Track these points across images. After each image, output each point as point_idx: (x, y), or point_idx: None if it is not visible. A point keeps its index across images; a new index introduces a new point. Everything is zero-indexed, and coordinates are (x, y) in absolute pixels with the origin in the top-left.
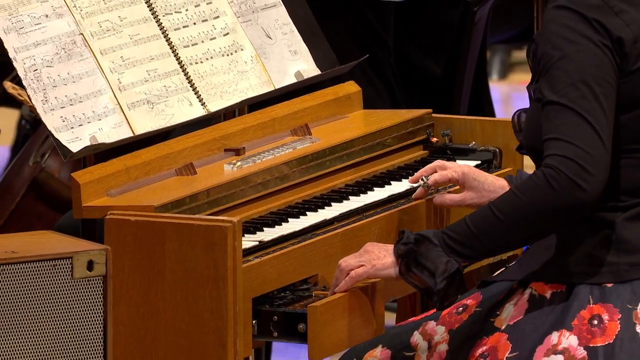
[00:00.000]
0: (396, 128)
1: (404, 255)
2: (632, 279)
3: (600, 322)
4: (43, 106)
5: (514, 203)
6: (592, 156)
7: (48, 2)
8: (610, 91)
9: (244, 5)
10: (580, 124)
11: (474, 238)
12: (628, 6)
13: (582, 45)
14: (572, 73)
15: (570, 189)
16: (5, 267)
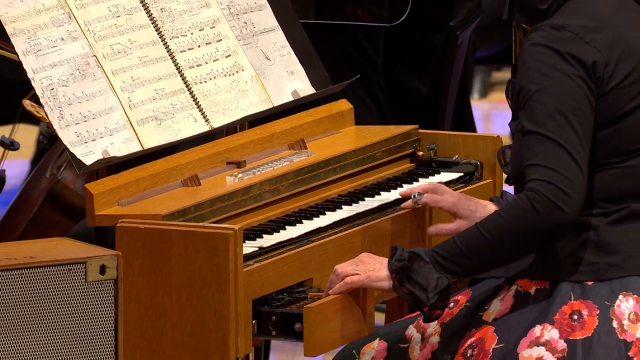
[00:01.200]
0: (385, 143)
1: (398, 271)
2: (611, 278)
3: (580, 317)
4: (59, 122)
5: (501, 224)
6: (570, 180)
7: (64, 26)
8: (584, 119)
9: (244, 29)
10: (558, 151)
11: (462, 257)
12: (596, 34)
13: (556, 79)
14: (548, 105)
15: (552, 211)
16: (24, 272)
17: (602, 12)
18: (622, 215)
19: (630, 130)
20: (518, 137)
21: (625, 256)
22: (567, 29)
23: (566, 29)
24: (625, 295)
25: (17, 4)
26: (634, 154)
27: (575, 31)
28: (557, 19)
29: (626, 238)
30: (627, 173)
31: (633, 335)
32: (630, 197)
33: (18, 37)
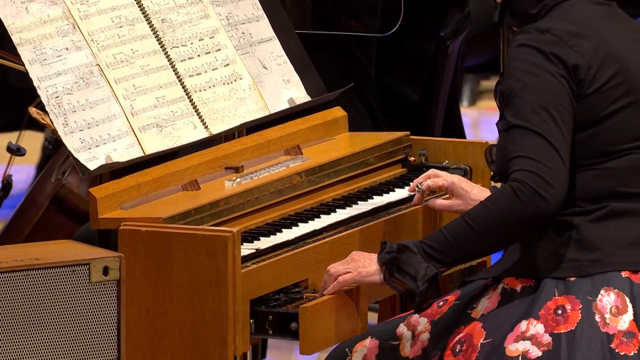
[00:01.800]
0: (378, 148)
1: (388, 263)
2: (593, 274)
3: (563, 312)
4: (64, 129)
5: (485, 213)
6: (552, 170)
7: (68, 36)
8: (566, 115)
9: (242, 39)
10: (541, 143)
11: (449, 246)
12: (580, 39)
13: (540, 77)
14: (532, 101)
15: (534, 199)
16: (30, 273)
17: (587, 19)
18: (602, 214)
19: (609, 133)
20: (504, 135)
21: (606, 253)
22: (551, 33)
23: (551, 32)
24: (606, 290)
25: (24, 14)
26: (613, 155)
27: (560, 35)
28: (543, 23)
29: (606, 236)
30: (606, 174)
31: (615, 328)
32: (610, 196)
33: (24, 46)
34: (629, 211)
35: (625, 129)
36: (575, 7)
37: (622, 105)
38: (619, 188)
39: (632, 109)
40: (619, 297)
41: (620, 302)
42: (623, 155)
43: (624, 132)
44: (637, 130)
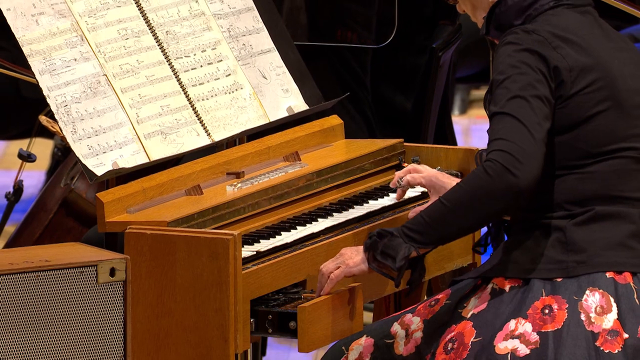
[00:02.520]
0: (373, 155)
1: (370, 247)
2: (579, 275)
3: (550, 311)
4: (72, 136)
5: (458, 191)
6: (522, 149)
7: (77, 48)
8: (542, 106)
9: (243, 51)
10: (515, 125)
11: (427, 226)
12: (564, 43)
13: (522, 69)
14: (512, 90)
15: (503, 175)
16: (40, 274)
17: (571, 26)
18: (587, 217)
19: (592, 134)
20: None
21: (592, 254)
22: (537, 33)
23: (536, 33)
24: (592, 290)
25: (34, 27)
26: (596, 158)
27: (545, 36)
28: (530, 25)
29: (592, 238)
30: (590, 178)
31: (599, 327)
32: (594, 200)
33: (34, 57)
34: (613, 214)
35: (607, 131)
36: (558, 15)
37: (603, 108)
38: (604, 192)
39: (613, 112)
40: (604, 297)
41: (605, 302)
42: (606, 159)
43: (606, 134)
44: (618, 132)
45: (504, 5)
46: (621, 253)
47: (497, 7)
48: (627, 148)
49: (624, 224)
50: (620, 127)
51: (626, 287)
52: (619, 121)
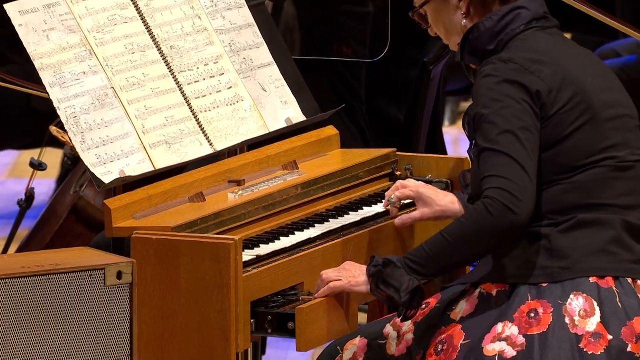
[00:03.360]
0: (367, 164)
1: (374, 275)
2: (563, 280)
3: (536, 315)
4: (81, 146)
5: (460, 227)
6: (520, 186)
7: (85, 62)
8: (531, 137)
9: (244, 64)
10: (509, 162)
11: (429, 259)
12: (540, 65)
13: (505, 102)
14: (500, 125)
15: (504, 213)
16: (50, 277)
17: (543, 47)
18: (570, 225)
19: (572, 149)
20: (476, 162)
21: (575, 260)
22: (513, 62)
23: (513, 62)
24: (576, 295)
25: (45, 42)
26: (577, 170)
27: (521, 63)
28: (505, 54)
29: (575, 244)
30: (572, 188)
31: (583, 330)
32: (577, 208)
33: (45, 71)
34: (595, 221)
35: (586, 145)
36: (529, 38)
37: (581, 123)
38: (585, 200)
39: (590, 126)
40: (587, 301)
41: (588, 306)
42: (587, 170)
43: (585, 148)
44: (596, 144)
45: (477, 31)
46: (603, 258)
47: (470, 33)
48: (604, 158)
49: (605, 230)
50: (597, 139)
51: (609, 291)
52: (595, 134)
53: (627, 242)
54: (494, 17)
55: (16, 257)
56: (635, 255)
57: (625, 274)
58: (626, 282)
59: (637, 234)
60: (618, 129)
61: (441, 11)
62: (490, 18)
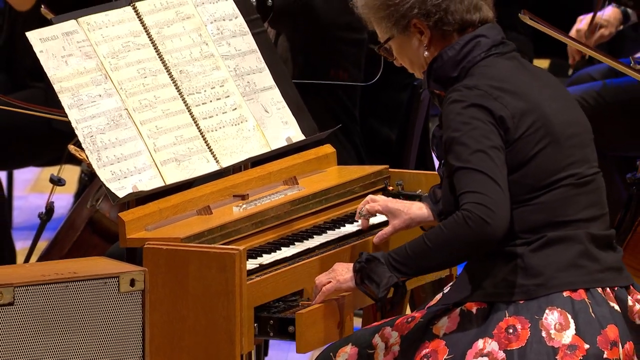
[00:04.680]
0: (362, 179)
1: (359, 271)
2: (538, 296)
3: (514, 331)
4: (97, 163)
5: (440, 235)
6: (493, 200)
7: (101, 85)
8: (499, 154)
9: (247, 88)
10: (483, 178)
11: (410, 259)
12: (502, 93)
13: (473, 125)
14: (470, 145)
15: (481, 225)
16: (68, 284)
17: (503, 74)
18: (541, 243)
19: (537, 170)
20: (447, 181)
21: (548, 277)
22: (478, 88)
23: (477, 88)
24: (550, 310)
25: (64, 67)
26: (543, 190)
27: (485, 89)
28: (469, 81)
29: (547, 262)
30: (539, 209)
31: (559, 342)
32: (546, 227)
33: (64, 94)
34: (564, 238)
35: (549, 165)
36: (490, 65)
37: (543, 145)
38: (552, 219)
39: (552, 147)
40: (562, 315)
41: (563, 319)
42: (551, 190)
43: (548, 168)
44: (558, 163)
45: (441, 60)
46: (574, 272)
47: (434, 62)
48: (566, 176)
49: (574, 245)
50: (558, 159)
51: (582, 303)
52: (557, 154)
53: (593, 253)
54: (455, 46)
55: (37, 265)
56: (602, 265)
57: (595, 284)
58: (596, 292)
59: (601, 243)
60: (577, 146)
61: (404, 45)
62: (452, 47)
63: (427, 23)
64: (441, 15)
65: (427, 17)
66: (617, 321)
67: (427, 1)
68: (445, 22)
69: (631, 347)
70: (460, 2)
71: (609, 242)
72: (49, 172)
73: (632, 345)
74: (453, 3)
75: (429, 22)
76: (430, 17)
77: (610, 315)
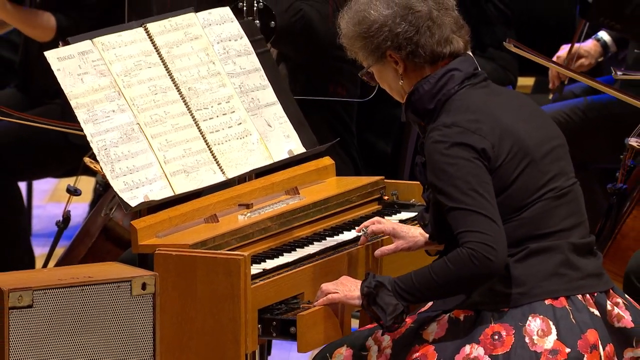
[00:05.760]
0: (359, 189)
1: (367, 295)
2: (522, 304)
3: (499, 337)
4: (111, 174)
5: (446, 271)
6: (493, 237)
7: (114, 101)
8: (488, 188)
9: (252, 104)
10: (480, 218)
11: (416, 290)
12: (479, 124)
13: (459, 164)
14: (460, 186)
15: (486, 262)
16: (84, 288)
17: (478, 104)
18: (524, 255)
19: (518, 192)
20: (434, 207)
21: (531, 286)
22: (456, 125)
23: (456, 125)
24: (533, 317)
25: (79, 84)
26: (524, 208)
27: (463, 125)
28: (446, 118)
29: (529, 272)
30: (521, 224)
31: (542, 347)
32: (527, 240)
33: (80, 109)
34: (545, 249)
35: (529, 185)
36: (464, 98)
37: (522, 168)
38: (534, 232)
39: (530, 168)
40: (544, 322)
41: (545, 326)
42: (532, 206)
43: (529, 188)
44: (538, 181)
45: (417, 94)
46: (556, 281)
47: (412, 95)
48: (546, 192)
49: (555, 255)
50: (537, 177)
51: (563, 310)
52: (535, 173)
53: (574, 261)
54: (430, 79)
55: (55, 270)
56: (582, 272)
57: (575, 291)
58: (577, 299)
59: (582, 250)
60: (553, 161)
61: (383, 72)
62: (427, 81)
63: (399, 55)
64: (412, 48)
65: (399, 50)
66: (597, 326)
67: (400, 35)
68: (416, 55)
69: (612, 349)
70: (431, 36)
71: (589, 249)
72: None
73: (612, 348)
74: (424, 37)
75: (401, 54)
76: (402, 49)
77: (590, 320)
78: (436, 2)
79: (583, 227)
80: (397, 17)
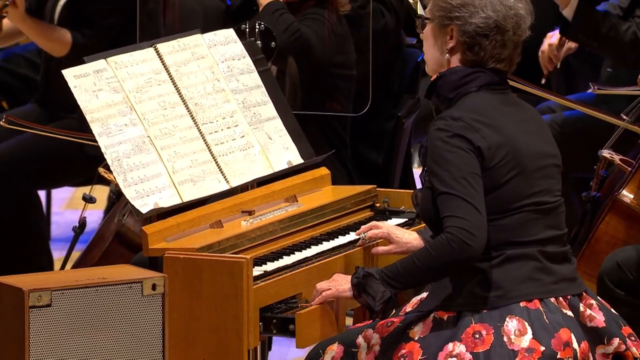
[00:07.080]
0: (352, 197)
1: (356, 285)
2: (500, 306)
3: (480, 336)
4: (123, 183)
5: (428, 256)
6: (473, 223)
7: (127, 116)
8: (478, 179)
9: (254, 118)
10: (464, 204)
11: (401, 276)
12: (483, 126)
13: (456, 153)
14: (453, 172)
15: (464, 247)
16: (98, 288)
17: (488, 108)
18: (501, 260)
19: (504, 196)
20: (427, 190)
21: (508, 289)
22: (462, 120)
23: (462, 120)
24: (510, 318)
25: (94, 100)
26: (506, 213)
27: (468, 122)
28: (455, 111)
29: (506, 276)
30: (500, 230)
31: (519, 346)
32: (505, 245)
33: (95, 123)
34: (521, 255)
35: (516, 193)
36: (478, 97)
37: (512, 176)
38: (512, 239)
39: (520, 178)
40: (520, 322)
41: (521, 326)
42: (514, 214)
43: (513, 196)
44: (522, 193)
45: (444, 79)
46: (530, 285)
47: (439, 79)
48: (529, 204)
49: (530, 261)
50: (524, 188)
51: (536, 312)
52: (523, 184)
53: (548, 267)
54: (460, 72)
55: (71, 272)
56: (556, 277)
57: (548, 294)
58: (549, 301)
59: (557, 258)
60: (543, 177)
61: (435, 35)
62: (457, 72)
63: (459, 36)
64: (474, 41)
65: (463, 33)
66: (570, 325)
67: (472, 24)
68: (470, 49)
69: (586, 346)
70: (493, 47)
71: (564, 257)
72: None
73: (587, 344)
74: (489, 42)
75: (460, 38)
76: (464, 35)
77: (563, 320)
78: (517, 26)
79: (560, 240)
80: (487, 16)
